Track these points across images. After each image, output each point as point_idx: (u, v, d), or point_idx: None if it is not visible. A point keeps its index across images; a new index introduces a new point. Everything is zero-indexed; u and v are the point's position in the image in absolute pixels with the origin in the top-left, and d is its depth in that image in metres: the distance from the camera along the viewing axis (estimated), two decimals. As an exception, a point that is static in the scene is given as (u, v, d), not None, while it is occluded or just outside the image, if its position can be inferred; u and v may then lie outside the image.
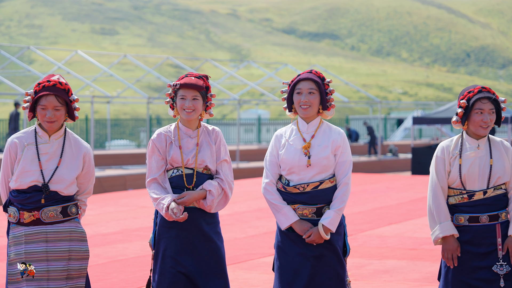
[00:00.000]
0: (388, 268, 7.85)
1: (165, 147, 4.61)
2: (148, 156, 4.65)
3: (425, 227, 11.02)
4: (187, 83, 4.55)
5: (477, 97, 4.49)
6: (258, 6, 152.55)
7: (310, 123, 4.57)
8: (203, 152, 4.61)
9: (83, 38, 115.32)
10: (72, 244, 4.47)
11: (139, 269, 7.86)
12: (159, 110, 72.30)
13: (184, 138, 4.62)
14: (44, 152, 4.46)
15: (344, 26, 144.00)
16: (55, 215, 4.44)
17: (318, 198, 4.49)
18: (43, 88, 4.43)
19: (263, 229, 10.85)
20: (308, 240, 4.44)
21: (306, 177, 4.48)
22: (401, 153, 30.10)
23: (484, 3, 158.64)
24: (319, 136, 4.54)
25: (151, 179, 4.59)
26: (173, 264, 4.50)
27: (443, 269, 4.54)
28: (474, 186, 4.49)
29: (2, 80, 20.28)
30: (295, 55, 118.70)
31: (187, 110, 4.55)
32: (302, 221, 4.48)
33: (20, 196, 4.42)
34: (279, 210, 4.51)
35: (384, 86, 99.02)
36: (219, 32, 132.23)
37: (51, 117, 4.41)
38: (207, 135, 4.67)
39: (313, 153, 4.50)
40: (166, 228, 4.54)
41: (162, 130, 4.65)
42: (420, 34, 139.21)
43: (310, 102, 4.51)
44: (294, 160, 4.49)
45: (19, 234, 4.42)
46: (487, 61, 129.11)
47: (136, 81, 33.49)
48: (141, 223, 11.64)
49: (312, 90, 4.51)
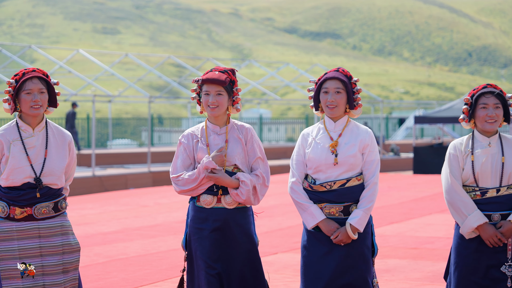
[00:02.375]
0: (390, 267, 7.83)
1: (192, 146, 4.53)
2: (175, 156, 4.58)
3: (426, 226, 11.00)
4: (209, 78, 4.45)
5: (481, 92, 4.50)
6: (260, 6, 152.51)
7: (338, 121, 4.52)
8: (231, 149, 4.51)
9: (85, 38, 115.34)
10: (63, 238, 4.45)
11: (140, 268, 7.84)
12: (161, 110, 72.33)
13: (211, 135, 4.54)
14: (31, 146, 4.40)
15: (346, 25, 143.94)
16: (47, 211, 4.42)
17: (345, 196, 4.44)
18: (24, 74, 4.37)
19: (264, 228, 10.83)
20: (335, 240, 4.39)
21: (333, 175, 4.44)
22: (402, 153, 30.07)
23: (486, 2, 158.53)
24: (346, 135, 4.50)
25: (177, 175, 4.52)
26: (204, 266, 4.44)
27: (452, 268, 4.51)
28: (487, 184, 4.48)
29: (3, 79, 20.27)
30: (296, 54, 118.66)
31: (211, 106, 4.47)
32: (329, 220, 4.43)
33: (12, 193, 4.37)
34: (306, 209, 4.45)
35: (385, 85, 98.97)
36: (221, 31, 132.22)
37: (37, 100, 4.34)
38: (236, 131, 4.56)
39: (340, 152, 4.45)
40: (197, 230, 4.49)
41: (190, 130, 4.59)
42: (422, 34, 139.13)
43: (337, 102, 4.46)
44: (321, 159, 4.45)
45: (8, 229, 4.38)
46: (489, 61, 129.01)
47: (138, 80, 33.48)
48: (142, 222, 11.62)
49: (339, 89, 4.46)
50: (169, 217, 12.21)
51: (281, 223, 11.37)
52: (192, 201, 4.58)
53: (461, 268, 4.46)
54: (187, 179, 4.47)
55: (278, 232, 10.39)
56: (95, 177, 18.65)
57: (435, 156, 22.93)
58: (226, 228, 4.48)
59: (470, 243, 4.47)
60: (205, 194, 4.50)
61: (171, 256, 8.62)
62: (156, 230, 10.80)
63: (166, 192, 16.79)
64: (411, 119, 36.02)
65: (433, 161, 22.79)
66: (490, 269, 4.42)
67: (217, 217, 4.47)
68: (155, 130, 32.92)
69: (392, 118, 42.73)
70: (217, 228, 4.47)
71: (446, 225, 10.95)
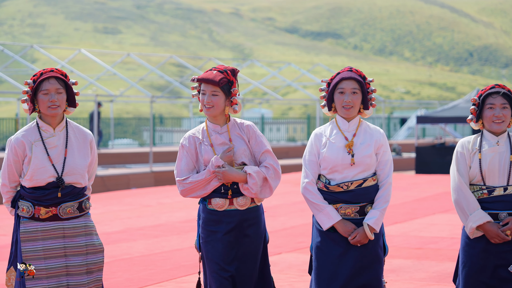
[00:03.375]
0: (395, 268, 7.80)
1: (194, 149, 4.50)
2: (177, 159, 4.53)
3: (430, 226, 10.98)
4: (204, 78, 4.42)
5: (488, 92, 4.49)
6: (261, 5, 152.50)
7: (351, 121, 4.50)
8: (236, 147, 4.49)
9: (86, 37, 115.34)
10: (87, 239, 4.44)
11: (144, 268, 7.83)
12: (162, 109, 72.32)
13: (212, 135, 4.51)
14: (52, 145, 4.39)
15: (347, 25, 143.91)
16: (72, 211, 4.42)
17: (361, 196, 4.42)
18: (42, 74, 4.37)
19: (267, 228, 10.81)
20: (353, 241, 4.36)
21: (349, 175, 4.42)
22: (404, 152, 30.05)
23: (487, 2, 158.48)
24: (360, 135, 4.48)
25: (183, 178, 4.48)
26: (217, 268, 4.42)
27: (460, 268, 4.50)
28: (494, 182, 4.46)
29: (5, 79, 20.26)
30: (297, 54, 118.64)
31: (207, 106, 4.44)
32: (345, 221, 4.40)
33: (37, 193, 4.36)
34: (321, 210, 4.41)
35: (386, 85, 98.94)
36: (222, 31, 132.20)
37: (54, 100, 4.32)
38: (237, 129, 4.53)
39: (356, 152, 4.43)
40: (210, 232, 4.46)
41: (191, 132, 4.55)
42: (423, 33, 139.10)
43: (353, 103, 4.45)
44: (337, 159, 4.42)
45: (33, 229, 4.37)
46: (489, 61, 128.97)
47: (140, 80, 33.47)
48: (145, 222, 11.60)
49: (355, 90, 4.45)
50: (172, 217, 12.19)
51: (285, 223, 11.35)
52: (203, 203, 4.54)
53: (468, 267, 4.45)
54: (195, 182, 4.43)
55: (281, 232, 10.37)
56: (97, 177, 18.62)
57: (437, 156, 22.92)
58: (239, 229, 4.46)
59: (478, 243, 4.45)
60: (217, 198, 4.46)
61: (175, 256, 8.61)
62: (160, 230, 10.78)
63: (168, 192, 16.77)
64: (413, 119, 35.99)
65: (435, 161, 22.78)
66: (497, 269, 4.40)
67: (230, 219, 4.45)
68: (156, 130, 32.90)
69: (394, 118, 42.70)
70: (231, 230, 4.45)
71: (450, 225, 10.94)
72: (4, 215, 12.76)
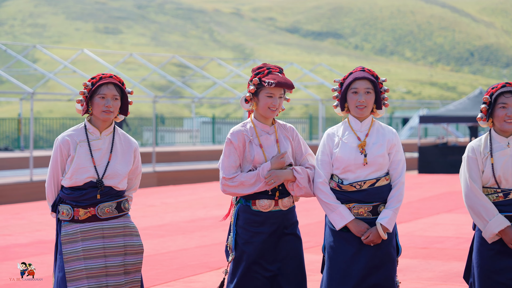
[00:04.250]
0: (401, 267, 7.80)
1: (243, 146, 4.49)
2: (224, 155, 4.50)
3: (435, 226, 10.99)
4: (281, 82, 4.43)
5: (500, 91, 4.45)
6: (262, 5, 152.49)
7: (364, 121, 4.51)
8: (284, 148, 4.52)
9: (87, 37, 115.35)
10: (126, 239, 4.47)
11: (151, 268, 7.83)
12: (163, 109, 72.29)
13: (262, 135, 4.52)
14: (97, 148, 4.46)
15: (348, 25, 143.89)
16: (110, 211, 4.45)
17: (374, 196, 4.42)
18: (101, 78, 4.44)
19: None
20: (366, 241, 4.36)
21: (362, 175, 4.42)
22: (406, 152, 30.05)
23: (488, 2, 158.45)
24: (373, 135, 4.49)
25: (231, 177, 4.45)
26: (258, 268, 4.42)
27: (476, 270, 4.49)
28: (509, 185, 4.45)
29: (7, 79, 20.28)
30: (298, 54, 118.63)
31: (273, 108, 4.47)
32: (358, 221, 4.39)
33: (75, 193, 4.41)
34: (334, 210, 4.40)
35: (387, 85, 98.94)
36: (223, 31, 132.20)
37: (110, 106, 4.40)
38: (283, 130, 4.58)
39: (369, 152, 4.44)
40: (253, 233, 4.45)
41: (238, 128, 4.52)
42: (424, 33, 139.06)
43: (367, 102, 4.45)
44: (350, 159, 4.42)
45: (73, 231, 4.41)
46: (490, 60, 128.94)
47: (142, 80, 33.47)
48: (149, 222, 11.61)
49: (369, 89, 4.46)
50: (177, 217, 12.21)
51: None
52: (243, 204, 4.51)
53: (485, 269, 4.44)
54: (244, 182, 4.42)
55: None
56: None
57: (440, 156, 22.93)
58: (281, 229, 4.48)
59: (493, 245, 4.45)
60: (263, 199, 4.46)
61: (182, 256, 8.62)
62: (164, 229, 10.80)
63: (172, 191, 16.79)
64: (415, 118, 35.99)
65: (438, 161, 22.79)
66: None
67: (274, 220, 4.46)
68: (158, 130, 32.89)
69: (395, 118, 42.70)
70: (275, 231, 4.46)
71: (454, 224, 10.95)
72: (9, 215, 12.78)
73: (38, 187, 16.66)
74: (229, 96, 60.54)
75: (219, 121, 36.52)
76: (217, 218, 12.03)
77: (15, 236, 10.23)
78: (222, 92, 68.99)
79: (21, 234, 10.44)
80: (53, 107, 70.34)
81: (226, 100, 34.15)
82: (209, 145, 31.04)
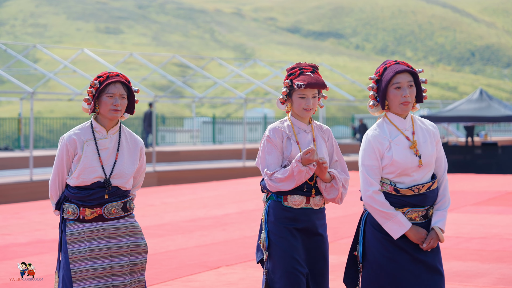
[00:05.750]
0: (400, 267, 7.79)
1: (282, 143, 4.44)
2: (263, 152, 4.45)
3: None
4: (311, 83, 4.38)
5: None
6: (263, 5, 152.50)
7: (406, 118, 4.22)
8: (320, 148, 4.48)
9: (88, 37, 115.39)
10: (132, 239, 4.47)
11: (149, 267, 7.81)
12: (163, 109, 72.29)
13: (299, 133, 4.48)
14: (104, 147, 4.44)
15: (349, 25, 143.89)
16: (117, 211, 4.44)
17: (429, 199, 4.18)
18: (108, 77, 4.42)
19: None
20: (427, 247, 4.12)
21: (418, 178, 4.15)
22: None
23: (489, 2, 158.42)
24: (419, 132, 4.21)
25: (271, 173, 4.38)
26: (294, 263, 4.33)
27: None
28: None
29: (8, 78, 20.28)
30: (299, 54, 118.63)
31: (307, 109, 4.41)
32: (416, 227, 4.13)
33: (81, 193, 4.39)
34: (391, 218, 4.10)
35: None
36: (224, 31, 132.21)
37: (118, 104, 4.39)
38: (320, 131, 4.55)
39: (422, 152, 4.17)
40: (286, 229, 4.37)
41: (275, 126, 4.48)
42: (425, 33, 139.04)
43: (411, 97, 4.15)
44: (406, 162, 4.13)
45: (79, 231, 4.39)
46: (492, 60, 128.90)
47: (143, 79, 33.47)
48: (149, 221, 11.60)
49: (411, 82, 4.15)
50: (176, 216, 12.20)
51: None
52: (275, 200, 4.43)
53: None
54: (281, 178, 4.34)
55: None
56: (100, 177, 18.61)
57: (441, 155, 22.89)
58: (312, 228, 4.42)
59: None
60: (295, 195, 4.39)
61: (181, 255, 8.61)
62: (164, 229, 10.79)
63: (172, 191, 16.78)
64: (416, 118, 35.92)
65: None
66: None
67: (306, 218, 4.38)
68: (158, 130, 32.89)
69: (396, 118, 42.66)
70: (306, 229, 4.40)
71: (454, 224, 10.93)
72: (9, 215, 12.77)
73: (38, 186, 16.66)
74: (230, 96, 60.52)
75: (219, 121, 36.52)
76: (217, 218, 12.03)
77: (15, 236, 10.22)
78: (222, 92, 68.98)
79: (21, 233, 10.44)
80: (53, 107, 70.36)
81: (227, 100, 34.18)
82: (210, 145, 31.04)
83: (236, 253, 8.75)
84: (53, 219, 11.76)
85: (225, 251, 8.89)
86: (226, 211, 12.89)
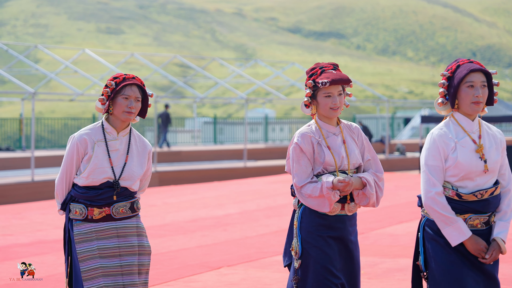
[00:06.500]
0: (402, 267, 7.80)
1: (312, 149, 4.24)
2: (293, 160, 4.26)
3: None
4: (335, 79, 4.20)
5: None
6: (264, 5, 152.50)
7: (474, 121, 4.04)
8: (352, 149, 4.30)
9: (89, 37, 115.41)
10: (139, 239, 4.47)
11: (151, 268, 7.79)
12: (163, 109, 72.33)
13: (329, 136, 4.29)
14: (114, 148, 4.44)
15: (350, 25, 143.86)
16: (125, 211, 4.44)
17: (492, 205, 4.03)
18: (125, 79, 4.42)
19: (273, 228, 10.82)
20: (489, 260, 3.98)
21: (481, 183, 3.98)
22: (408, 152, 30.04)
23: (490, 2, 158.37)
24: (485, 136, 4.05)
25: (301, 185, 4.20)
26: (327, 274, 4.17)
27: None
28: None
29: (9, 79, 20.29)
30: (300, 54, 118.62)
31: (334, 108, 4.24)
32: (476, 237, 3.97)
33: (90, 193, 4.39)
34: (452, 224, 3.94)
35: (389, 85, 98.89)
36: (225, 31, 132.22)
37: (132, 107, 4.38)
38: (348, 131, 4.36)
39: (488, 157, 4.01)
40: (320, 237, 4.20)
41: (304, 131, 4.28)
42: (426, 33, 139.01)
43: (483, 98, 3.98)
44: (471, 165, 3.97)
45: (88, 230, 4.39)
46: (493, 60, 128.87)
47: (144, 80, 33.49)
48: (151, 221, 11.60)
49: (484, 83, 3.98)
50: (178, 217, 12.20)
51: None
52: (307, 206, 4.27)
53: None
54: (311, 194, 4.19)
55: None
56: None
57: (442, 156, 22.90)
58: (346, 235, 4.27)
59: None
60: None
61: (182, 255, 8.62)
62: (166, 229, 10.79)
63: (173, 191, 16.78)
64: (417, 118, 35.98)
65: (440, 161, 22.74)
66: None
67: (340, 225, 4.24)
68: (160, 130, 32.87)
69: (397, 118, 42.68)
70: (341, 237, 4.25)
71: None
72: (10, 215, 12.78)
73: (40, 187, 16.66)
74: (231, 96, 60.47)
75: (220, 121, 36.51)
76: (218, 218, 12.02)
77: (16, 236, 10.22)
78: (224, 92, 68.97)
79: (22, 234, 10.44)
80: (55, 107, 70.37)
81: (228, 100, 34.17)
82: (211, 145, 31.04)
83: (238, 254, 8.75)
84: (54, 220, 11.76)
85: (227, 252, 8.89)
86: (227, 211, 12.89)
